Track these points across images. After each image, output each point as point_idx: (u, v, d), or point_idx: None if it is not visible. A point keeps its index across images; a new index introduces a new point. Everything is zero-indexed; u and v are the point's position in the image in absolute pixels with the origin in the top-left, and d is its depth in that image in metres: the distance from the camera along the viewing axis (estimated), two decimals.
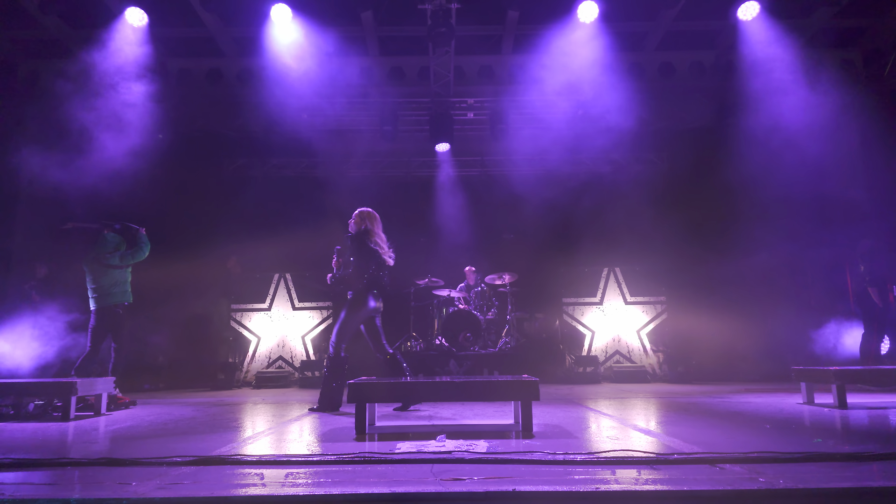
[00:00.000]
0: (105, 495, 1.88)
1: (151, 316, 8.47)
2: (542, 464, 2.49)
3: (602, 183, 10.21)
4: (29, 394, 4.46)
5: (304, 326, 10.13)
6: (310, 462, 2.52)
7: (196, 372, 8.99)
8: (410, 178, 11.38)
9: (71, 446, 3.21)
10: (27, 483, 2.15)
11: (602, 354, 9.86)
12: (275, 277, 10.23)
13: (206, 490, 1.98)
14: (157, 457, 2.52)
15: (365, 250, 4.99)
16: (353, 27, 9.04)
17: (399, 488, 2.06)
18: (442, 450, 2.81)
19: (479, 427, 3.74)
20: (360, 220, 5.17)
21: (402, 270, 9.74)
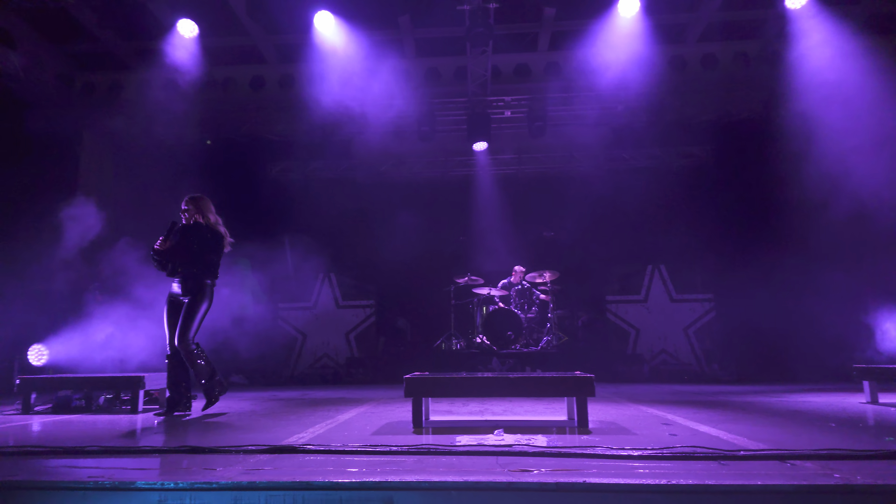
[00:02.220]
0: (196, 479, 1.99)
1: None
2: (608, 458, 2.51)
3: (643, 178, 10.07)
4: (100, 388, 4.71)
5: (348, 324, 10.33)
6: (377, 451, 2.60)
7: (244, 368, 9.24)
8: (448, 177, 11.45)
9: (147, 436, 3.38)
10: (120, 468, 2.28)
11: (648, 353, 9.73)
12: (319, 276, 10.45)
13: (286, 475, 2.07)
14: (233, 445, 2.64)
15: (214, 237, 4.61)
16: (390, 30, 9.18)
17: (470, 477, 2.11)
18: (502, 443, 2.86)
19: (533, 423, 3.77)
20: (198, 207, 4.67)
21: (442, 269, 9.90)
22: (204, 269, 4.54)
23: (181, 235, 4.53)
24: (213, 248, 4.58)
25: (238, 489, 1.94)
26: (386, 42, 9.40)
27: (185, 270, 4.51)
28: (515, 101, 9.73)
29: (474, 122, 9.70)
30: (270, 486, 1.94)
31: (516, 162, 11.13)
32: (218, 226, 4.68)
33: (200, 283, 4.49)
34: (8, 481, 2.09)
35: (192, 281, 4.49)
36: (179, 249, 4.49)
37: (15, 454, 2.63)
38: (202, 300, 4.49)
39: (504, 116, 10.10)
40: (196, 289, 4.48)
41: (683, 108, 9.39)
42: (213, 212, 4.70)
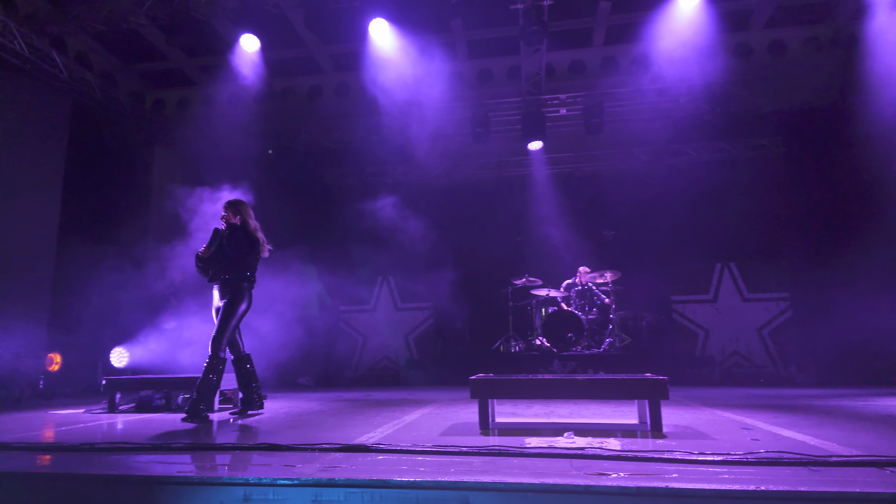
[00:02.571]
0: (278, 475, 2.04)
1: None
2: (688, 463, 2.42)
3: (709, 173, 9.69)
4: (178, 388, 4.93)
5: (406, 326, 10.43)
6: (448, 452, 2.60)
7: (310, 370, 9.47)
8: (502, 178, 11.39)
9: (224, 434, 3.51)
10: (202, 464, 2.37)
11: (718, 355, 9.30)
12: (378, 280, 10.60)
13: (363, 473, 2.10)
14: (308, 443, 2.70)
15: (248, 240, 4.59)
16: (442, 34, 9.24)
17: (547, 480, 2.08)
18: (573, 446, 2.80)
19: (602, 426, 3.68)
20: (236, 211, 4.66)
21: (499, 270, 9.84)
22: (240, 272, 4.51)
23: (219, 241, 4.56)
24: (249, 251, 4.56)
25: (318, 486, 1.98)
26: (438, 46, 9.45)
27: (222, 274, 4.50)
28: (571, 98, 9.59)
29: (529, 122, 9.61)
30: (349, 483, 1.97)
31: (573, 160, 10.94)
32: (256, 231, 4.66)
33: (237, 286, 4.47)
34: (102, 475, 2.21)
35: (229, 284, 4.47)
36: (216, 254, 4.51)
37: (105, 450, 2.78)
38: (239, 303, 4.44)
39: (559, 115, 9.97)
40: (233, 291, 4.45)
41: (750, 98, 9.00)
42: (251, 216, 4.68)
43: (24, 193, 7.72)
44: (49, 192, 8.10)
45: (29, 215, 7.71)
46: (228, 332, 4.41)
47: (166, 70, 10.19)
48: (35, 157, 7.93)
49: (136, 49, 9.43)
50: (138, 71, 10.18)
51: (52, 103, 8.35)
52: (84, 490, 2.19)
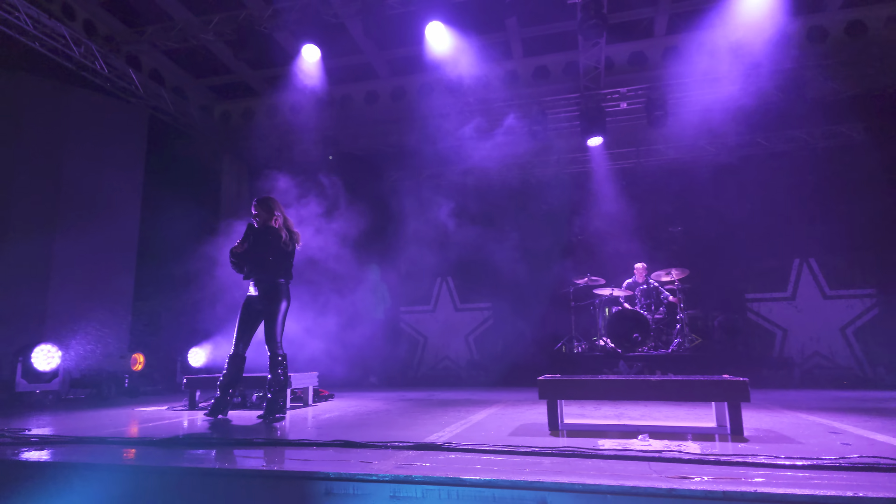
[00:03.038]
0: (363, 471, 2.08)
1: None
2: (775, 467, 2.31)
3: (783, 163, 9.20)
4: (252, 386, 5.13)
5: (466, 326, 10.45)
6: (522, 452, 2.58)
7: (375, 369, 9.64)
8: (561, 175, 11.22)
9: (299, 431, 3.62)
10: (283, 458, 2.45)
11: (798, 355, 8.80)
12: (437, 281, 10.67)
13: (439, 471, 2.11)
14: (381, 441, 2.75)
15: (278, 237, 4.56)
16: (497, 33, 9.21)
17: (626, 482, 2.03)
18: (650, 448, 2.72)
19: (678, 428, 3.56)
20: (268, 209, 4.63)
21: (559, 270, 9.70)
22: (277, 270, 4.50)
23: (253, 238, 4.54)
24: (284, 249, 4.53)
25: (396, 482, 2.01)
26: (493, 45, 9.43)
27: (259, 273, 4.48)
28: (632, 91, 9.33)
29: (588, 117, 9.42)
30: (426, 480, 1.99)
31: (635, 155, 10.66)
32: (288, 226, 4.66)
33: (275, 284, 4.47)
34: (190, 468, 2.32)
35: (267, 283, 4.47)
36: (251, 252, 4.49)
37: (191, 444, 2.93)
38: (279, 301, 4.44)
39: (620, 109, 9.72)
40: (272, 291, 4.45)
41: (826, 83, 8.48)
42: (282, 212, 4.69)
43: (108, 206, 8.23)
44: (131, 200, 8.61)
45: (112, 225, 8.22)
46: (279, 330, 4.45)
47: (232, 83, 10.63)
48: (117, 170, 8.46)
49: (205, 64, 9.89)
50: (207, 85, 10.67)
51: (130, 119, 8.87)
52: (175, 481, 2.30)
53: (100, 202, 8.04)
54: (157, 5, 8.14)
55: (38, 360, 6.11)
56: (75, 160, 7.79)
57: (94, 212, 7.90)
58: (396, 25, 8.37)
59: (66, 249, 7.42)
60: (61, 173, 7.63)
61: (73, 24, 7.90)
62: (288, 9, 7.97)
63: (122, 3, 8.24)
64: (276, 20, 8.03)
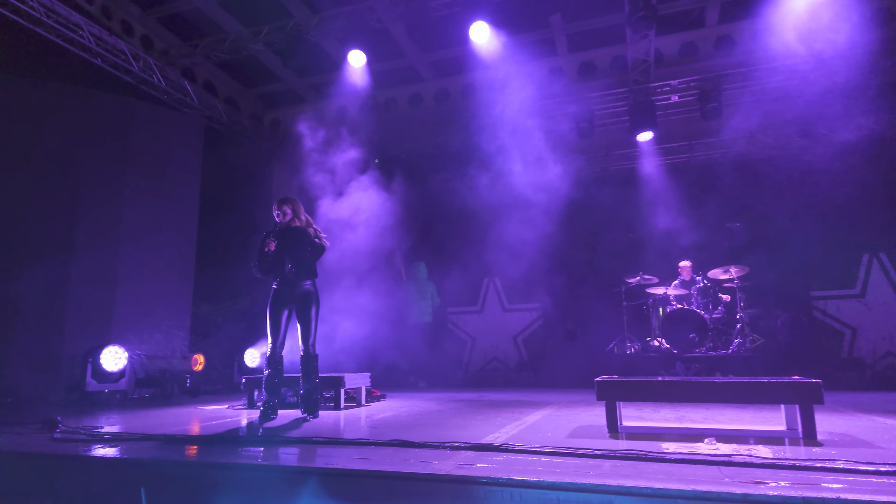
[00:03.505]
0: (423, 471, 2.08)
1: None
2: (856, 473, 2.18)
3: (849, 154, 8.72)
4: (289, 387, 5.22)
5: (515, 327, 10.36)
6: (582, 454, 2.52)
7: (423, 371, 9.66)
8: (610, 172, 11.00)
9: (356, 430, 3.65)
10: (343, 456, 2.47)
11: (869, 356, 8.29)
12: (484, 281, 10.62)
13: (502, 472, 2.08)
14: (439, 441, 2.74)
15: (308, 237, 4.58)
16: (541, 31, 9.11)
17: (697, 487, 1.94)
18: (718, 452, 2.62)
19: (744, 432, 3.42)
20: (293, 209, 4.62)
21: (610, 269, 9.48)
22: (311, 270, 4.53)
23: (278, 239, 4.51)
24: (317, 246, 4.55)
25: (458, 482, 1.99)
26: (538, 42, 9.33)
27: (298, 272, 4.46)
28: (683, 83, 9.04)
29: (637, 112, 9.20)
30: (489, 481, 1.96)
31: (687, 149, 10.33)
32: (309, 225, 4.66)
33: (313, 284, 4.51)
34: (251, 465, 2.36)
35: (305, 283, 4.48)
36: (282, 252, 4.47)
37: (252, 443, 2.99)
38: (318, 301, 4.49)
39: (671, 102, 9.45)
40: (311, 290, 4.49)
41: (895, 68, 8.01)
42: (303, 211, 4.70)
43: (168, 214, 8.57)
44: (189, 208, 8.94)
45: (172, 232, 8.55)
46: (313, 333, 4.48)
47: (281, 90, 10.88)
48: (176, 179, 8.79)
49: (255, 73, 10.17)
50: (257, 93, 10.96)
51: (187, 129, 9.21)
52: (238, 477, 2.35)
53: (160, 210, 8.38)
54: (209, 19, 8.42)
55: (106, 361, 6.41)
56: (137, 170, 8.14)
57: (156, 220, 8.24)
58: (439, 27, 8.39)
59: (130, 257, 7.76)
60: (125, 184, 7.98)
61: (132, 39, 8.26)
62: (333, 16, 8.11)
63: (177, 18, 8.56)
64: (322, 28, 8.18)
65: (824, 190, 8.24)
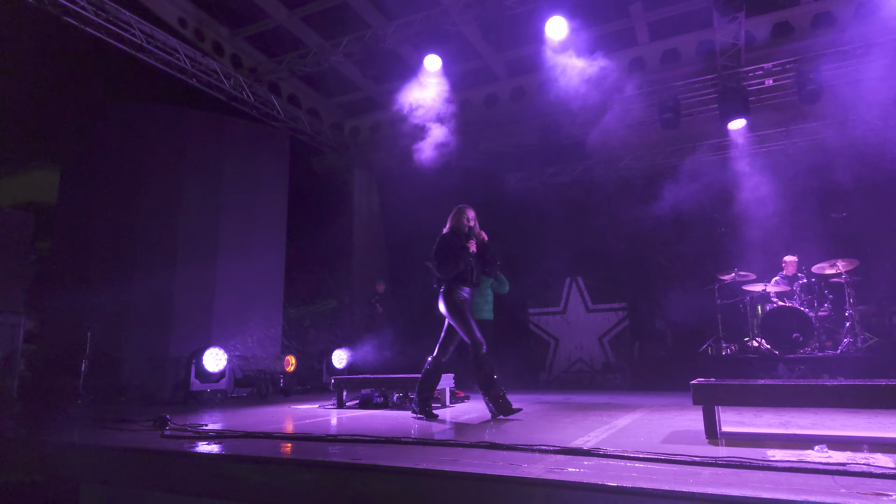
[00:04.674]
0: (511, 473, 2.06)
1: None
2: None
3: None
4: (393, 387, 5.35)
5: (600, 328, 10.08)
6: (680, 461, 2.40)
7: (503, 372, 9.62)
8: (699, 163, 10.43)
9: (444, 431, 3.68)
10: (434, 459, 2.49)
11: None
12: (566, 281, 10.41)
13: (595, 478, 2.02)
14: (527, 444, 2.70)
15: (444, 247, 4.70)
16: (620, 21, 8.83)
17: (810, 497, 1.80)
18: (830, 461, 2.41)
19: (859, 438, 3.13)
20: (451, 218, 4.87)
21: (702, 265, 9.01)
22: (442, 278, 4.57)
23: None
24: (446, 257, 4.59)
25: (549, 486, 1.95)
26: (617, 33, 9.05)
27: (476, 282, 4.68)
28: (777, 66, 8.45)
29: (728, 99, 8.68)
30: (581, 486, 1.91)
31: (784, 136, 9.65)
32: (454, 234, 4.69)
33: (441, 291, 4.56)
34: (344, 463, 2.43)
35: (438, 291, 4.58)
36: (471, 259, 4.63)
37: (346, 441, 3.09)
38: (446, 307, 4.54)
39: (764, 87, 8.86)
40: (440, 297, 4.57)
41: None
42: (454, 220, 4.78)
43: (260, 221, 9.05)
44: (278, 217, 9.39)
45: (264, 240, 9.00)
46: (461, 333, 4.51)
47: (360, 99, 11.20)
48: (266, 189, 9.25)
49: (335, 84, 10.53)
50: (337, 103, 11.35)
51: (274, 141, 9.67)
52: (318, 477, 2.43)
53: (252, 221, 8.85)
54: (292, 34, 8.82)
55: (208, 363, 6.86)
56: (231, 183, 8.62)
57: (249, 230, 8.72)
58: (514, 25, 8.33)
59: (227, 265, 8.24)
60: (220, 196, 8.47)
61: (223, 59, 8.80)
62: (409, 23, 8.25)
63: (263, 36, 9.04)
64: (398, 35, 8.35)
65: None
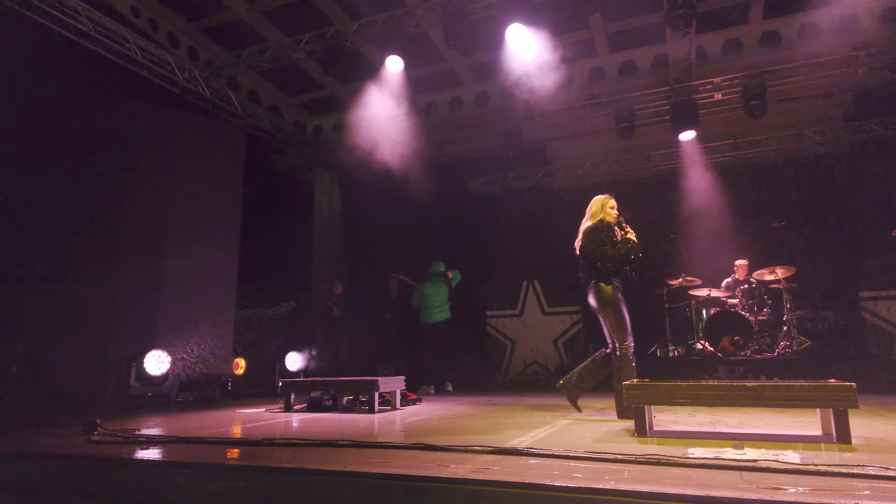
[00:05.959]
0: (432, 474, 2.13)
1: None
2: (883, 479, 2.11)
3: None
4: (343, 390, 5.35)
5: (555, 331, 10.27)
6: (603, 459, 2.52)
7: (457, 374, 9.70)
8: (651, 173, 10.82)
9: (384, 433, 3.74)
10: (364, 461, 2.55)
11: None
12: (523, 284, 10.57)
13: (515, 476, 2.11)
14: (462, 445, 2.78)
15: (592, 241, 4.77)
16: (581, 31, 9.04)
17: (712, 492, 1.93)
18: (744, 457, 2.56)
19: (778, 436, 3.32)
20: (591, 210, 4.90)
21: (652, 271, 9.29)
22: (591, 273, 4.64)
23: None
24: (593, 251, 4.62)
25: (471, 485, 2.03)
26: (577, 43, 9.27)
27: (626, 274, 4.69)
28: (726, 81, 8.80)
29: (679, 111, 9.01)
30: (501, 485, 2.00)
31: (732, 148, 10.05)
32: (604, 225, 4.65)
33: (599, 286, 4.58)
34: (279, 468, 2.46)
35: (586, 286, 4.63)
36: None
37: (282, 445, 3.11)
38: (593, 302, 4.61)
39: (713, 100, 9.21)
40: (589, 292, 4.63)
41: None
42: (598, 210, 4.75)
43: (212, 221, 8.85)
44: (232, 215, 9.21)
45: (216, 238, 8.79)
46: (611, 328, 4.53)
47: (323, 98, 11.15)
48: (219, 187, 9.07)
49: (297, 81, 10.45)
50: (300, 101, 11.27)
51: (230, 138, 9.51)
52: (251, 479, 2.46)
53: (204, 217, 8.61)
54: (252, 29, 8.72)
55: (150, 365, 6.65)
56: (181, 179, 8.35)
57: (200, 227, 8.44)
58: (478, 31, 8.41)
59: (174, 263, 7.94)
60: (169, 193, 8.18)
61: (178, 51, 8.62)
62: (372, 22, 8.27)
63: (221, 29, 8.89)
64: (361, 34, 8.35)
65: (873, 186, 7.88)
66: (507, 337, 10.57)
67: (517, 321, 10.57)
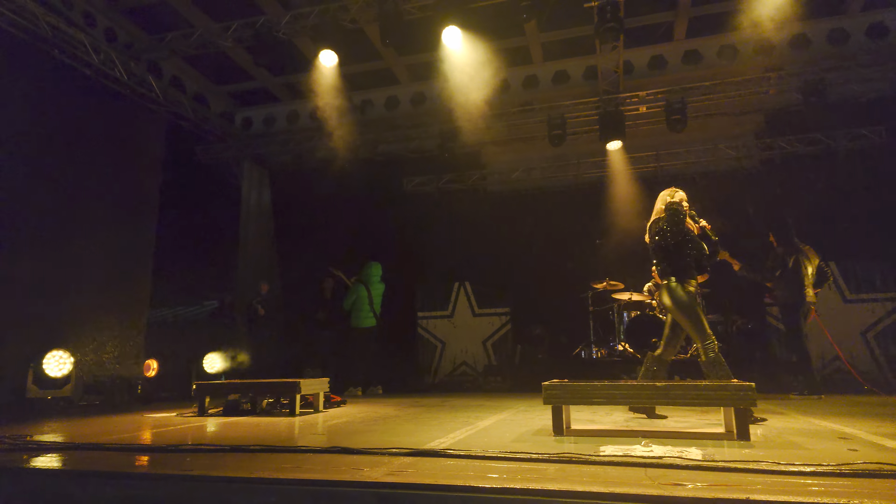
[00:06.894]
0: (344, 478, 2.08)
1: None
2: (774, 473, 2.25)
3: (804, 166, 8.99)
4: (263, 392, 5.16)
5: (484, 332, 10.38)
6: (517, 458, 2.55)
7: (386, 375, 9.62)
8: (581, 180, 11.16)
9: (304, 437, 3.64)
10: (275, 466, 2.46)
11: (818, 361, 8.51)
12: (455, 286, 10.63)
13: (428, 478, 2.10)
14: (380, 447, 2.74)
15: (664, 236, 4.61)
16: (516, 38, 9.20)
17: (618, 490, 1.99)
18: (651, 454, 2.67)
19: (685, 434, 3.50)
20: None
21: (578, 275, 9.59)
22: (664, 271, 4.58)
23: None
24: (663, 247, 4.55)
25: (382, 489, 2.00)
26: (513, 50, 9.43)
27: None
28: (651, 95, 9.22)
29: (607, 122, 9.35)
30: (412, 487, 1.98)
31: (654, 159, 10.52)
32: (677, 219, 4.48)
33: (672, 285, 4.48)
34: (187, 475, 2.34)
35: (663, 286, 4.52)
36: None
37: (189, 451, 2.97)
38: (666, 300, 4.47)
39: (639, 113, 9.62)
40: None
41: (847, 84, 8.30)
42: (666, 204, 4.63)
43: (125, 213, 8.33)
44: (147, 210, 8.70)
45: (129, 230, 8.30)
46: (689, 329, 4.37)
47: (253, 89, 10.79)
48: (134, 177, 8.57)
49: (226, 71, 10.06)
50: (228, 91, 10.86)
51: (149, 125, 9.01)
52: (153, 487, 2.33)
53: (117, 209, 8.08)
54: (178, 13, 8.30)
55: (49, 367, 6.14)
56: (91, 165, 7.78)
57: (111, 218, 7.90)
58: (415, 31, 8.39)
59: (81, 256, 7.35)
60: (78, 179, 7.60)
61: (94, 31, 8.06)
62: (306, 14, 8.06)
63: (144, 11, 8.42)
64: (294, 26, 8.12)
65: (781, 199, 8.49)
66: (437, 338, 10.59)
67: (448, 322, 10.61)
